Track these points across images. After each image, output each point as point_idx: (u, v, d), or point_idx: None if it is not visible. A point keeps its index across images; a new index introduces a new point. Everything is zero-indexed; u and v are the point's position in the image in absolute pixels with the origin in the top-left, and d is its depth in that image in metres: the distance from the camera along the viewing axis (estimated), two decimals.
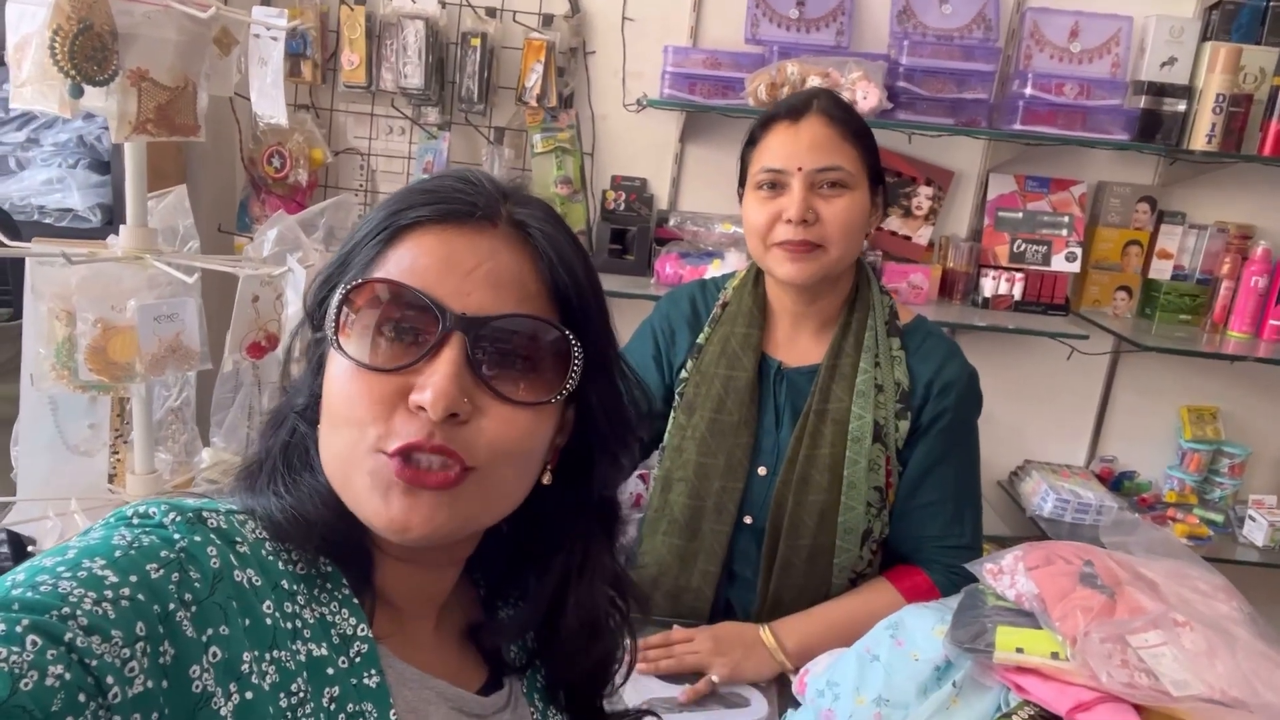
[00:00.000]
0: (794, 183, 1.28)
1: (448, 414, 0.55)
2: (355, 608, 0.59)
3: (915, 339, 1.37)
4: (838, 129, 1.29)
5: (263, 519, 0.59)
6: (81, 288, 1.05)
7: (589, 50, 2.49)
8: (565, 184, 2.50)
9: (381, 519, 0.57)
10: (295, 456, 0.63)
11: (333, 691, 0.55)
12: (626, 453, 0.70)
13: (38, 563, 0.49)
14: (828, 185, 1.28)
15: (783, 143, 1.30)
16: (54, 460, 1.18)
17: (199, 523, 0.55)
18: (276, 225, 1.23)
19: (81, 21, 0.94)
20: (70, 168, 2.11)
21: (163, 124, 1.02)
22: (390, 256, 0.60)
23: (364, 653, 0.58)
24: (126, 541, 0.51)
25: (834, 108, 1.32)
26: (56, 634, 0.44)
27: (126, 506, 0.56)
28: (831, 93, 1.36)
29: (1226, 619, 1.05)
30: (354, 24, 2.38)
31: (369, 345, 0.58)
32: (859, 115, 1.36)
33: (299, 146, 2.43)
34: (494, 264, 0.59)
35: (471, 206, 0.60)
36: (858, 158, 1.30)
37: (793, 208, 1.27)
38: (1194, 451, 2.60)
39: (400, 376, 0.57)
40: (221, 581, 0.52)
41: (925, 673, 1.06)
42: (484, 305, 0.58)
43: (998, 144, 2.49)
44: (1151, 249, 2.55)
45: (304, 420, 0.63)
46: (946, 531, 1.34)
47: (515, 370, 0.59)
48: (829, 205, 1.28)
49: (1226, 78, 2.29)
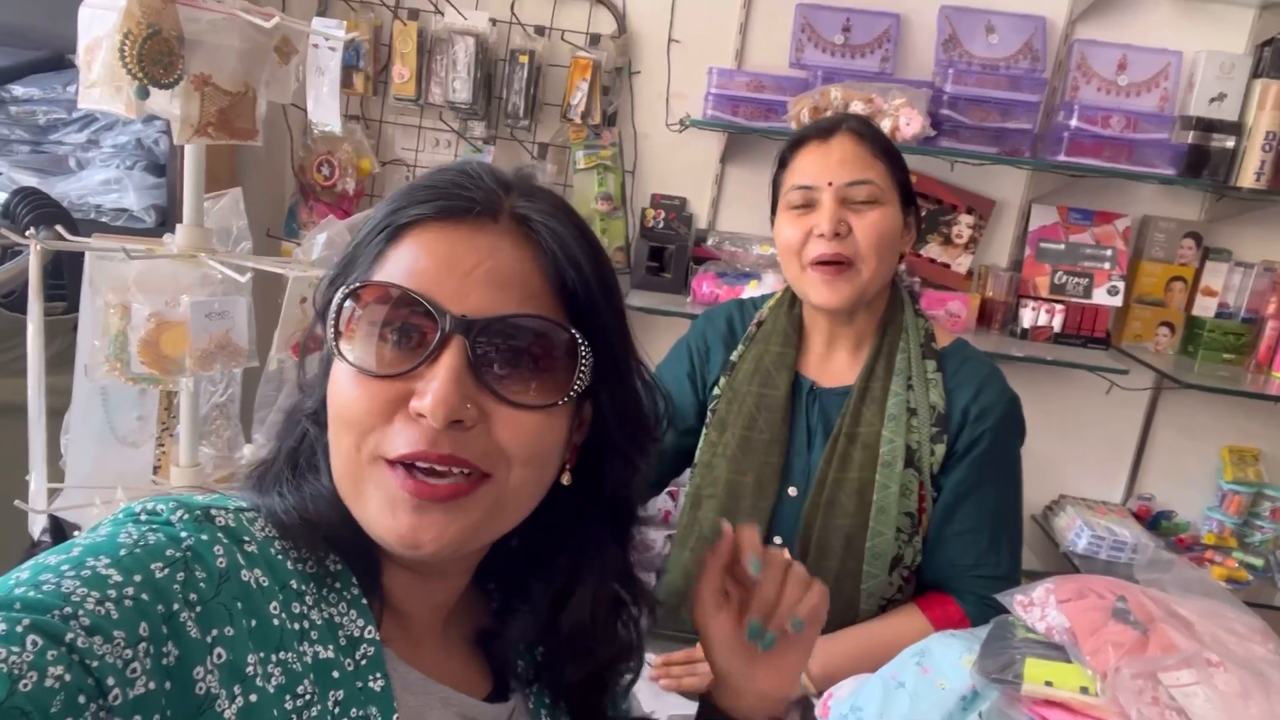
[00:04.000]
0: (825, 198, 1.28)
1: (449, 421, 0.54)
2: (364, 609, 0.58)
3: (953, 362, 1.35)
4: (867, 146, 1.30)
5: (270, 516, 0.58)
6: (138, 282, 1.08)
7: (634, 70, 2.52)
8: (606, 200, 2.52)
9: (391, 535, 0.56)
10: (303, 459, 0.62)
11: (338, 695, 0.54)
12: (641, 453, 0.67)
13: (42, 560, 0.48)
14: (859, 200, 1.29)
15: (813, 160, 1.31)
16: (102, 450, 1.21)
17: (207, 521, 0.54)
18: (325, 230, 1.26)
19: (150, 26, 0.98)
20: (128, 169, 2.17)
21: (223, 128, 1.06)
22: (391, 256, 0.58)
23: (370, 655, 0.57)
24: (132, 539, 0.50)
25: (863, 127, 1.33)
26: (58, 634, 0.43)
27: (135, 503, 0.55)
28: (859, 115, 1.38)
29: (1262, 661, 1.02)
30: (406, 38, 2.44)
31: (369, 349, 0.56)
32: (887, 136, 1.37)
33: (348, 156, 2.48)
34: (494, 262, 0.57)
35: (471, 202, 0.58)
36: (888, 174, 1.31)
37: (825, 221, 1.27)
38: (1234, 493, 2.55)
39: (401, 382, 0.55)
40: (228, 581, 0.51)
41: (951, 702, 1.05)
42: (484, 306, 0.56)
43: (1040, 174, 2.48)
44: (1196, 285, 2.52)
45: (315, 423, 0.62)
46: (981, 560, 1.31)
47: (520, 372, 0.57)
48: (861, 219, 1.28)
49: (1277, 115, 2.26)
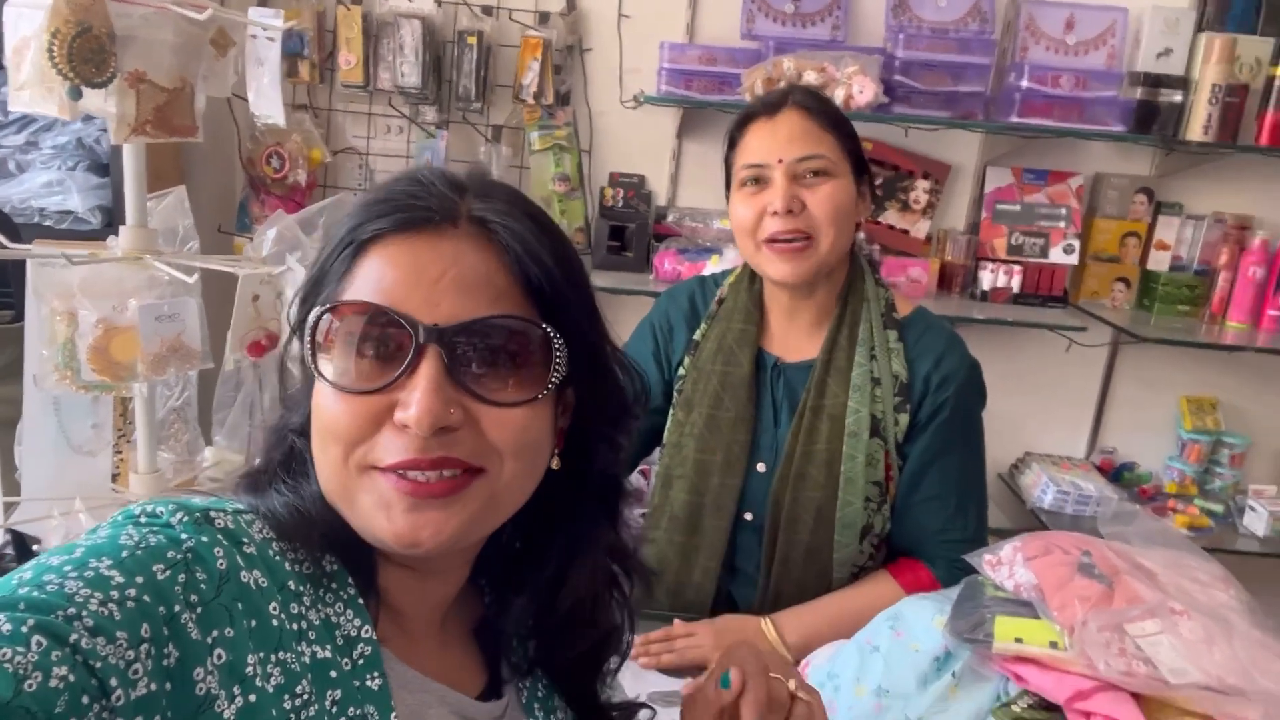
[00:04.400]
0: (776, 175, 1.28)
1: (435, 429, 0.55)
2: (360, 608, 0.59)
3: (914, 331, 1.36)
4: (815, 119, 1.30)
5: (267, 518, 0.59)
6: (83, 288, 1.06)
7: (586, 47, 2.49)
8: (563, 181, 2.50)
9: (389, 535, 0.57)
10: (295, 466, 0.63)
11: (335, 694, 0.55)
12: (622, 431, 0.69)
13: (44, 561, 0.49)
14: (810, 174, 1.28)
15: (761, 138, 1.31)
16: (58, 460, 1.19)
17: (206, 523, 0.54)
18: (275, 225, 1.23)
19: (79, 24, 0.95)
20: (70, 170, 2.11)
21: (161, 125, 1.03)
22: (358, 273, 0.59)
23: (367, 655, 0.58)
24: (134, 541, 0.51)
25: (809, 100, 1.32)
26: (62, 635, 0.44)
27: (134, 505, 0.55)
28: (806, 87, 1.37)
29: (1224, 608, 1.05)
30: (350, 24, 2.39)
31: (348, 366, 0.57)
32: (836, 106, 1.36)
33: (297, 147, 2.43)
34: (459, 268, 0.58)
35: (428, 211, 0.59)
36: (838, 145, 1.30)
37: (778, 199, 1.27)
38: (1194, 442, 2.61)
39: (383, 395, 0.57)
40: (228, 583, 0.52)
41: (925, 663, 1.06)
42: (455, 313, 0.57)
43: (994, 137, 2.49)
44: (1149, 240, 2.55)
45: (301, 437, 0.63)
46: (949, 525, 1.33)
47: (498, 371, 0.58)
48: (814, 193, 1.28)
49: (1222, 68, 2.30)
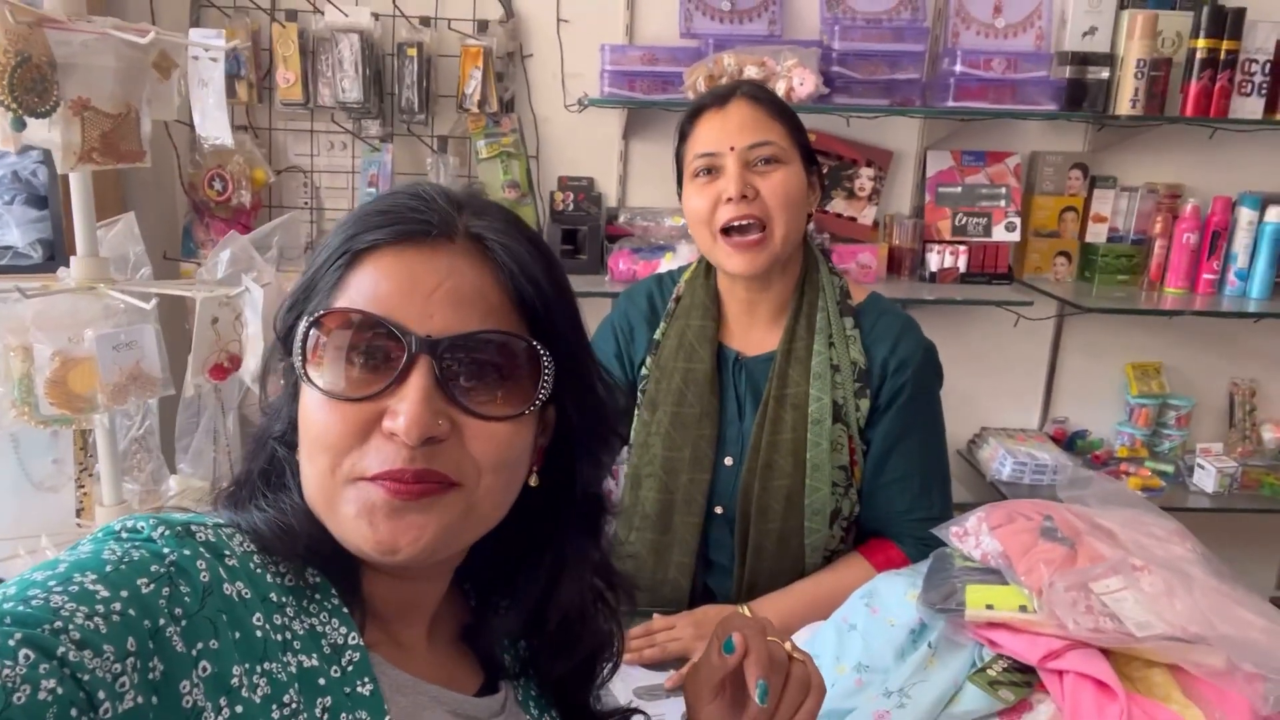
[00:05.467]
0: (728, 162, 1.30)
1: (423, 439, 0.56)
2: (345, 617, 0.59)
3: (869, 318, 1.39)
4: (764, 109, 1.33)
5: (248, 532, 0.59)
6: (37, 322, 1.03)
7: (526, 54, 2.49)
8: (513, 188, 2.50)
9: (369, 543, 0.57)
10: (275, 477, 0.63)
11: (325, 702, 0.55)
12: (606, 449, 0.70)
13: (28, 576, 0.49)
14: (762, 161, 1.31)
15: (712, 127, 1.33)
16: (19, 499, 1.16)
17: (188, 536, 0.54)
18: (229, 246, 1.22)
19: (19, 54, 0.93)
20: (7, 204, 2.06)
21: (108, 152, 1.01)
22: (351, 282, 0.59)
23: (356, 661, 0.58)
24: (117, 556, 0.51)
25: (758, 91, 1.35)
26: (49, 648, 0.43)
27: (115, 521, 0.55)
28: (753, 81, 1.40)
29: (1182, 560, 1.09)
30: (287, 41, 2.36)
31: (338, 375, 0.58)
32: (782, 99, 1.39)
33: (240, 168, 2.40)
34: (454, 282, 0.59)
35: (427, 225, 0.60)
36: (787, 134, 1.33)
37: (731, 185, 1.29)
38: (1141, 407, 2.69)
39: (372, 403, 0.57)
40: (211, 595, 0.52)
41: (901, 637, 1.09)
42: (448, 325, 0.58)
43: (933, 122, 2.54)
44: (1086, 214, 2.63)
45: (283, 445, 0.63)
46: (915, 505, 1.36)
47: (487, 385, 0.59)
48: (766, 180, 1.30)
49: (1146, 43, 2.37)
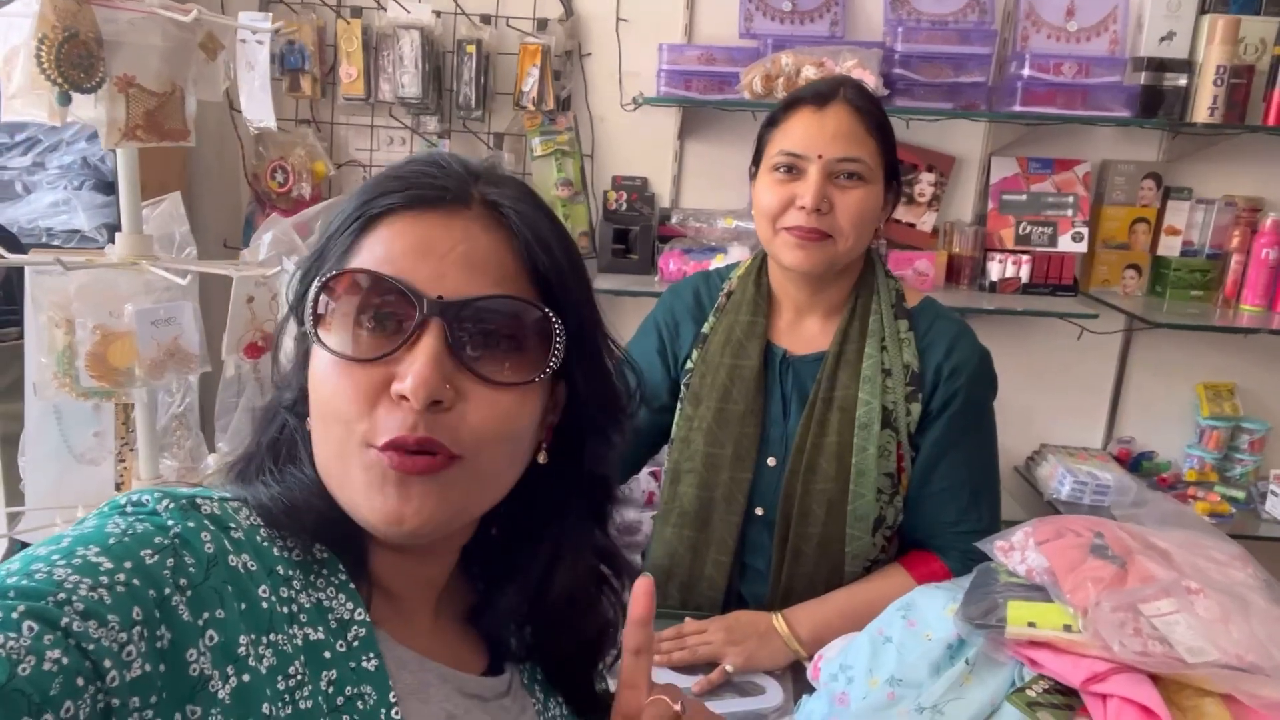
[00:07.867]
0: (812, 169, 1.26)
1: (430, 401, 0.55)
2: (352, 592, 0.59)
3: (924, 321, 1.35)
4: (862, 120, 1.27)
5: (255, 507, 0.59)
6: (80, 295, 1.06)
7: (585, 52, 2.49)
8: (566, 186, 2.50)
9: (376, 514, 0.57)
10: (284, 449, 0.63)
11: (330, 675, 0.55)
12: (616, 429, 0.69)
13: (32, 552, 0.49)
14: (845, 176, 1.26)
15: (805, 127, 1.28)
16: (61, 469, 1.19)
17: (192, 509, 0.54)
18: (271, 229, 1.24)
19: (66, 30, 0.95)
20: (75, 189, 2.13)
21: (152, 130, 1.03)
22: (364, 245, 0.59)
23: (362, 636, 0.58)
24: (120, 529, 0.51)
25: (860, 98, 1.29)
26: (53, 619, 0.44)
27: (120, 495, 0.56)
28: (858, 82, 1.33)
29: (1242, 585, 1.03)
30: (350, 37, 2.40)
31: (348, 336, 0.57)
32: (882, 108, 1.33)
33: (301, 160, 2.44)
34: (469, 246, 0.58)
35: (442, 190, 0.60)
36: (877, 151, 1.28)
37: (809, 195, 1.24)
38: (1212, 429, 2.57)
39: (382, 366, 0.56)
40: (216, 566, 0.52)
41: (938, 651, 1.05)
42: (461, 288, 0.57)
43: (998, 127, 2.48)
44: (1159, 226, 2.52)
45: (293, 414, 0.63)
46: (962, 517, 1.31)
47: (497, 352, 0.59)
48: (844, 196, 1.26)
49: (1226, 49, 2.27)
